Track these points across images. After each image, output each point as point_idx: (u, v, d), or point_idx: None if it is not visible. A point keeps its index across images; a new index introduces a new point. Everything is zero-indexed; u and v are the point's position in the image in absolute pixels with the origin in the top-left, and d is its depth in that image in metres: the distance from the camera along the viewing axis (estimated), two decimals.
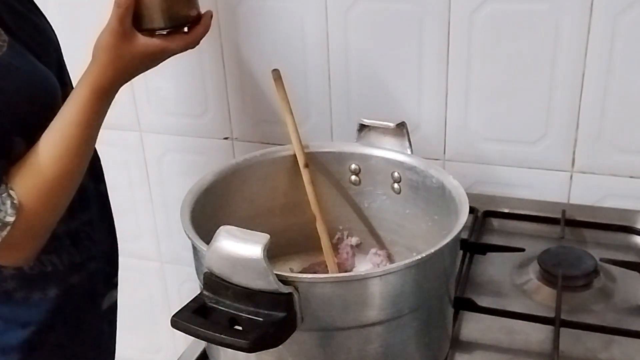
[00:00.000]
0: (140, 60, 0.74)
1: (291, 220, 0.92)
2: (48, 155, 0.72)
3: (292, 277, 0.63)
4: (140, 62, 0.74)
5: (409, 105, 1.14)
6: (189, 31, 0.76)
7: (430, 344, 0.74)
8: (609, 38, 0.99)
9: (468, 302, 0.85)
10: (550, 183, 1.11)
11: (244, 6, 1.18)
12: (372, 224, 0.93)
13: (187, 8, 0.76)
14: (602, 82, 1.02)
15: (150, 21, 0.74)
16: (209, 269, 0.63)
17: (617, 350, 0.80)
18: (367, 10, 1.11)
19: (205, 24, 0.77)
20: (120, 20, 0.71)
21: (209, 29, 0.78)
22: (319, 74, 1.18)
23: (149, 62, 0.75)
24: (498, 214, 1.08)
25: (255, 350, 0.58)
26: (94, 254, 0.87)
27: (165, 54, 0.76)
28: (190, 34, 0.76)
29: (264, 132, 1.24)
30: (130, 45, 0.72)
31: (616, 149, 1.05)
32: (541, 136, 1.09)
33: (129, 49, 0.72)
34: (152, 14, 0.74)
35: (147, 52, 0.74)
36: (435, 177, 0.82)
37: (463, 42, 1.07)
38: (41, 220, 0.73)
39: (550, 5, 1.00)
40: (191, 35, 0.76)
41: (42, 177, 0.71)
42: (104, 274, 0.91)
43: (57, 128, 0.73)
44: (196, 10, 0.78)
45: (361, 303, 0.65)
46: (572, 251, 0.96)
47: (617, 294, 0.90)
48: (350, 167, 0.91)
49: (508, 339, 0.83)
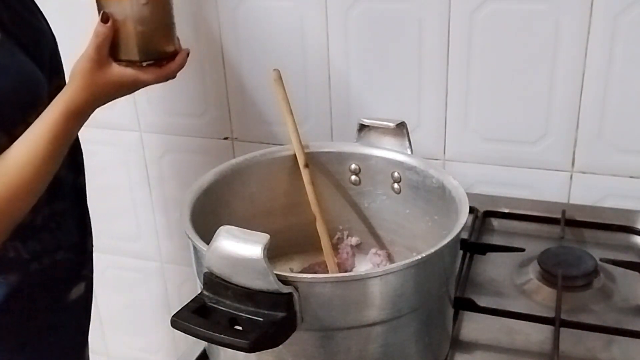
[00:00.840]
0: (114, 88, 0.78)
1: (291, 220, 0.92)
2: (14, 164, 0.75)
3: (292, 277, 0.63)
4: (114, 89, 0.78)
5: (409, 105, 1.14)
6: (164, 65, 0.79)
7: (430, 344, 0.74)
8: (609, 38, 0.99)
9: (468, 302, 0.85)
10: (550, 183, 1.11)
11: (244, 6, 1.18)
12: (372, 224, 0.93)
13: (164, 44, 0.79)
14: (602, 82, 1.02)
15: (127, 53, 0.77)
16: (209, 269, 0.63)
17: (617, 350, 0.80)
18: (367, 10, 1.11)
19: (180, 61, 0.81)
20: (97, 49, 0.75)
21: (183, 66, 0.82)
22: (319, 74, 1.18)
23: (122, 90, 0.79)
24: (498, 214, 1.08)
25: (255, 350, 0.58)
26: (61, 244, 0.89)
27: (138, 85, 0.79)
28: (164, 68, 0.79)
29: (264, 132, 1.24)
30: (105, 73, 0.76)
31: (616, 149, 1.05)
32: (541, 136, 1.09)
33: (104, 77, 0.76)
34: (129, 46, 0.76)
35: (120, 81, 0.77)
36: (435, 177, 0.82)
37: (463, 42, 1.07)
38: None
39: (550, 5, 1.00)
40: (164, 70, 0.79)
41: (4, 184, 0.74)
42: (72, 264, 0.93)
43: (27, 140, 0.75)
44: (173, 47, 0.81)
45: (361, 303, 0.65)
46: (572, 251, 0.96)
47: (617, 294, 0.90)
48: (350, 167, 0.91)
49: (508, 339, 0.83)
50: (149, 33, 0.77)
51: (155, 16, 0.77)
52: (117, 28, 0.75)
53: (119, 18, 0.75)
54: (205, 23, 1.23)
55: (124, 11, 0.75)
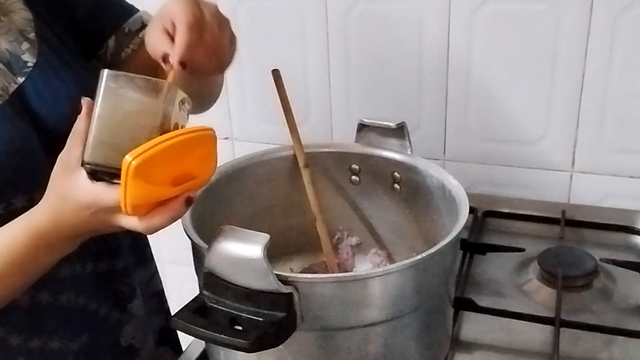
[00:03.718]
0: (77, 207, 0.61)
1: (291, 220, 0.92)
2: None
3: (292, 277, 0.63)
4: (78, 209, 0.61)
5: (409, 105, 1.14)
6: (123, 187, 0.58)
7: (430, 344, 0.74)
8: (609, 38, 0.99)
9: (468, 302, 0.85)
10: (550, 183, 1.11)
11: (244, 6, 1.18)
12: (372, 224, 0.93)
13: (116, 154, 0.58)
14: (602, 82, 1.02)
15: (83, 153, 0.60)
16: (209, 269, 0.63)
17: (617, 351, 0.80)
18: (367, 10, 1.11)
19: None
20: (67, 150, 0.61)
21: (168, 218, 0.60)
22: (319, 73, 1.18)
23: (84, 213, 0.61)
24: (498, 214, 1.08)
25: (255, 350, 0.58)
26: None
27: (98, 205, 0.60)
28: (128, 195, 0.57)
29: (264, 132, 1.24)
30: (69, 180, 0.61)
31: (616, 149, 1.05)
32: (541, 136, 1.09)
33: (66, 186, 0.61)
34: (87, 144, 0.60)
35: (80, 195, 0.60)
36: (435, 177, 0.82)
37: (463, 42, 1.07)
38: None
39: (550, 5, 1.00)
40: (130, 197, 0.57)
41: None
42: None
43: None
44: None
45: (361, 303, 0.65)
46: (572, 251, 0.96)
47: (617, 294, 0.90)
48: (350, 167, 0.91)
49: (508, 339, 0.83)
50: (105, 135, 0.59)
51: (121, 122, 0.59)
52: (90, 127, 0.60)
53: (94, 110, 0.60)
54: None
55: (101, 108, 0.59)
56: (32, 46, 0.74)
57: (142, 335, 0.88)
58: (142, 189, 0.56)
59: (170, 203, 0.59)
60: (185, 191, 0.59)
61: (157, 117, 0.59)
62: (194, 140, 0.59)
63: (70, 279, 0.77)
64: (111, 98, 0.59)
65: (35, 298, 0.74)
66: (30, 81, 0.72)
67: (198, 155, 0.60)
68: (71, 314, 0.78)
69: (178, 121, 0.60)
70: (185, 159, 0.59)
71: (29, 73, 0.72)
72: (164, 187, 0.58)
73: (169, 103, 0.59)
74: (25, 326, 0.74)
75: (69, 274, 0.76)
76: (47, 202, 0.64)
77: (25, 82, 0.72)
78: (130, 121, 0.59)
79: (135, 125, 0.58)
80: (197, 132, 0.59)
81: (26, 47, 0.74)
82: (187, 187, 0.59)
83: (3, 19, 0.74)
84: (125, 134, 0.58)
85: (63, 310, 0.77)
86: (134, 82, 0.59)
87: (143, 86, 0.59)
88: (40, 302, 0.74)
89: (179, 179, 0.59)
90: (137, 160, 0.55)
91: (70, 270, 0.76)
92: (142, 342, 0.88)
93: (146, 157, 0.55)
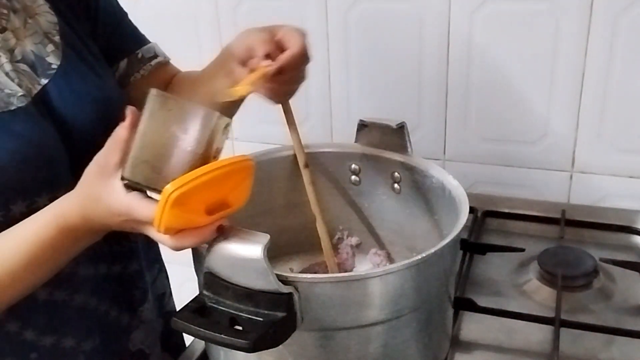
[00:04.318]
0: (107, 211, 0.62)
1: (291, 220, 0.92)
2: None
3: (292, 277, 0.63)
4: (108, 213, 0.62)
5: (409, 105, 1.14)
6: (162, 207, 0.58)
7: (430, 344, 0.74)
8: (609, 38, 0.99)
9: (468, 302, 0.85)
10: (550, 183, 1.11)
11: (244, 6, 1.18)
12: (372, 224, 0.93)
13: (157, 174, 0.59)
14: (602, 82, 1.02)
15: (123, 168, 0.61)
16: (209, 269, 0.63)
17: (617, 350, 0.80)
18: (367, 10, 1.11)
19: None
20: (105, 154, 0.62)
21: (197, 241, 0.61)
22: (319, 74, 1.18)
23: (115, 219, 0.62)
24: (498, 214, 1.08)
25: (255, 350, 0.58)
26: None
27: (131, 219, 0.61)
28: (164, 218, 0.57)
29: (264, 132, 1.24)
30: (104, 186, 0.61)
31: (616, 149, 1.05)
32: (541, 136, 1.09)
33: (100, 190, 0.62)
34: (128, 160, 0.60)
35: (113, 203, 0.61)
36: (435, 177, 0.82)
37: (463, 42, 1.07)
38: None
39: (550, 5, 1.00)
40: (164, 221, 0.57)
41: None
42: None
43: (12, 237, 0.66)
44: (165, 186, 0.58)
45: (361, 303, 0.65)
46: (572, 251, 0.96)
47: (617, 294, 0.90)
48: (350, 167, 0.91)
49: (508, 339, 0.83)
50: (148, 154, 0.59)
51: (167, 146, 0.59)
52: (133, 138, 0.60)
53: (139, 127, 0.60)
54: (205, 23, 1.23)
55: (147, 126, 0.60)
56: (57, 49, 0.75)
57: (151, 340, 0.88)
58: (178, 217, 0.57)
59: (203, 229, 0.60)
60: (217, 219, 0.60)
61: (202, 144, 0.59)
62: (234, 171, 0.60)
63: (85, 280, 0.77)
64: (158, 119, 0.59)
65: (52, 295, 0.74)
66: (53, 83, 0.73)
67: (234, 184, 0.61)
68: (84, 314, 0.78)
69: (219, 146, 0.61)
70: (222, 188, 0.60)
71: (53, 75, 0.73)
72: (199, 216, 0.59)
73: (215, 131, 0.60)
74: (40, 322, 0.74)
75: (84, 275, 0.77)
76: (78, 198, 0.64)
77: (49, 84, 0.73)
78: (174, 145, 0.59)
79: (179, 150, 0.59)
80: (239, 164, 0.60)
81: (51, 49, 0.74)
82: (220, 216, 0.60)
83: (29, 21, 0.74)
84: (168, 157, 0.59)
85: (77, 310, 0.77)
86: (183, 106, 0.59)
87: (192, 112, 0.59)
88: (56, 300, 0.75)
89: (214, 206, 0.60)
90: (178, 192, 0.56)
91: (85, 270, 0.77)
92: (151, 347, 0.88)
93: (187, 189, 0.56)
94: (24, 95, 0.70)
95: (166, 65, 0.91)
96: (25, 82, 0.71)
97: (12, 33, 0.72)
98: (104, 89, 0.78)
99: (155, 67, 0.88)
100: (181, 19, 1.25)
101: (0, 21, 0.72)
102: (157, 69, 0.89)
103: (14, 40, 0.72)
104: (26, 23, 0.74)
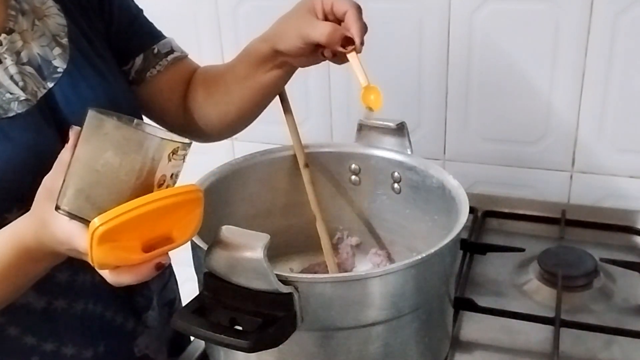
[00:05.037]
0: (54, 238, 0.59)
1: (291, 220, 0.92)
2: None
3: (292, 277, 0.63)
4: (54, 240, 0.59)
5: (409, 105, 1.14)
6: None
7: (430, 344, 0.74)
8: (609, 38, 0.99)
9: (468, 302, 0.85)
10: (550, 183, 1.11)
11: (244, 6, 1.18)
12: (372, 224, 0.93)
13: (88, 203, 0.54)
14: (602, 82, 1.02)
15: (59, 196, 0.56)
16: (209, 269, 0.63)
17: (617, 350, 0.80)
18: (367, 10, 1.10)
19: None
20: (52, 177, 0.59)
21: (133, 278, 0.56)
22: (319, 74, 1.18)
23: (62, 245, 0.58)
24: (498, 214, 1.08)
25: (255, 350, 0.58)
26: None
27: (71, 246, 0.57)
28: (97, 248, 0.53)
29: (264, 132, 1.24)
30: (49, 211, 0.58)
31: (616, 149, 1.05)
32: (541, 136, 1.09)
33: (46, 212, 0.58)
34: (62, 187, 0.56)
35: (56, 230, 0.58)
36: (435, 177, 0.82)
37: (463, 42, 1.07)
38: None
39: (550, 5, 1.00)
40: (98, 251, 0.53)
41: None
42: None
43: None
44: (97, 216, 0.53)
45: (361, 303, 0.65)
46: (572, 251, 0.96)
47: (617, 294, 0.90)
48: (350, 167, 0.91)
49: (508, 339, 0.83)
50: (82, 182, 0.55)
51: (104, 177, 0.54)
52: None
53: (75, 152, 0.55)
54: (205, 23, 1.23)
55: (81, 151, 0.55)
56: (64, 52, 0.74)
57: (156, 346, 0.88)
58: (108, 254, 0.53)
59: (139, 266, 0.55)
60: (155, 257, 0.55)
61: (140, 173, 0.53)
62: (177, 204, 0.54)
63: (86, 287, 0.76)
64: (93, 143, 0.54)
65: (51, 304, 0.74)
66: (59, 87, 0.72)
67: (179, 216, 0.55)
68: (86, 322, 0.77)
69: (166, 172, 0.55)
70: (163, 221, 0.54)
71: (59, 79, 0.73)
72: (133, 253, 0.54)
73: (155, 158, 0.53)
74: (39, 328, 0.74)
75: (86, 283, 0.76)
76: (31, 219, 0.61)
77: (55, 87, 0.72)
78: (109, 173, 0.53)
79: (114, 178, 0.53)
80: (182, 195, 0.54)
81: (58, 52, 0.74)
82: (158, 254, 0.55)
83: (37, 22, 0.74)
84: (103, 186, 0.53)
85: (78, 318, 0.76)
86: (120, 130, 0.54)
87: (129, 137, 0.53)
88: (55, 309, 0.74)
89: (153, 240, 0.54)
90: (104, 227, 0.51)
91: (87, 278, 0.76)
92: (156, 353, 0.88)
93: (115, 224, 0.51)
94: (27, 100, 0.69)
95: (183, 60, 0.90)
96: (30, 85, 0.70)
97: (19, 35, 0.72)
98: (111, 94, 0.77)
99: (171, 62, 0.87)
100: (181, 19, 1.25)
101: (8, 23, 0.72)
102: (174, 64, 0.88)
103: (21, 42, 0.72)
104: (34, 25, 0.74)
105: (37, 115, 0.70)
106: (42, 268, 0.65)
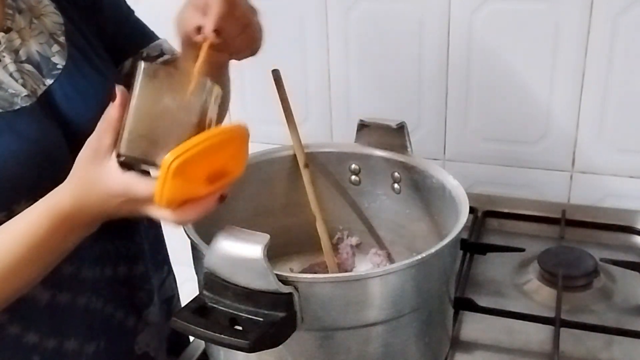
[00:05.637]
0: (105, 194, 0.61)
1: (291, 220, 0.92)
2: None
3: (292, 277, 0.63)
4: (105, 196, 0.61)
5: (409, 105, 1.14)
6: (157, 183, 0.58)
7: (430, 344, 0.74)
8: (609, 38, 0.99)
9: (468, 302, 0.85)
10: (550, 183, 1.11)
11: None
12: (372, 224, 0.93)
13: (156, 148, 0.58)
14: (602, 82, 1.02)
15: (119, 145, 0.60)
16: (209, 269, 0.63)
17: (618, 350, 0.80)
18: (368, 10, 1.11)
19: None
20: (98, 136, 0.61)
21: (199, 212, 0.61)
22: (319, 74, 1.18)
23: (113, 201, 0.61)
24: (498, 214, 1.08)
25: (255, 350, 0.58)
26: None
27: (130, 198, 0.60)
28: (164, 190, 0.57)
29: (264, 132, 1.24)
30: (99, 168, 0.60)
31: (616, 149, 1.05)
32: (541, 136, 1.09)
33: (94, 174, 0.61)
34: (123, 136, 0.59)
35: (110, 184, 0.60)
36: (435, 177, 0.82)
37: (463, 42, 1.07)
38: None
39: (550, 5, 1.00)
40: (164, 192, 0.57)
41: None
42: None
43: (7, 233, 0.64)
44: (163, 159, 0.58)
45: (361, 303, 0.65)
46: (572, 251, 0.96)
47: (617, 294, 0.90)
48: (350, 167, 0.91)
49: (508, 339, 0.83)
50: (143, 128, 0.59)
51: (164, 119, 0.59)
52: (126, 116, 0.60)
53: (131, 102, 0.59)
54: None
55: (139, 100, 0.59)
56: (62, 49, 0.75)
57: (157, 344, 0.88)
58: (180, 187, 0.57)
59: (204, 200, 0.60)
60: (219, 188, 0.60)
61: (196, 113, 0.59)
62: (231, 139, 0.60)
63: (90, 281, 0.77)
64: (150, 91, 0.59)
65: (55, 298, 0.74)
66: (58, 84, 0.73)
67: (231, 152, 0.61)
68: (88, 317, 0.78)
69: (212, 116, 0.60)
70: (220, 157, 0.59)
71: (58, 75, 0.73)
72: (200, 185, 0.59)
73: (207, 100, 0.59)
74: (42, 324, 0.74)
75: (89, 277, 0.76)
76: (70, 186, 0.63)
77: (54, 84, 0.72)
78: (168, 116, 0.58)
79: (173, 120, 0.58)
80: (235, 131, 0.60)
81: (56, 49, 0.74)
82: (221, 185, 0.60)
83: (35, 21, 0.74)
84: (164, 128, 0.58)
85: (81, 312, 0.76)
86: (173, 77, 0.59)
87: (183, 82, 0.59)
88: (59, 302, 0.74)
89: (213, 175, 0.59)
90: (178, 161, 0.55)
91: (90, 272, 0.76)
92: (157, 351, 0.88)
93: (187, 158, 0.55)
94: (28, 96, 0.69)
95: None
96: (29, 82, 0.71)
97: (17, 33, 0.72)
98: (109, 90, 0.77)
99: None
100: None
101: (5, 21, 0.72)
102: None
103: (19, 40, 0.72)
104: (31, 23, 0.74)
105: (38, 112, 0.70)
106: (75, 238, 0.66)
